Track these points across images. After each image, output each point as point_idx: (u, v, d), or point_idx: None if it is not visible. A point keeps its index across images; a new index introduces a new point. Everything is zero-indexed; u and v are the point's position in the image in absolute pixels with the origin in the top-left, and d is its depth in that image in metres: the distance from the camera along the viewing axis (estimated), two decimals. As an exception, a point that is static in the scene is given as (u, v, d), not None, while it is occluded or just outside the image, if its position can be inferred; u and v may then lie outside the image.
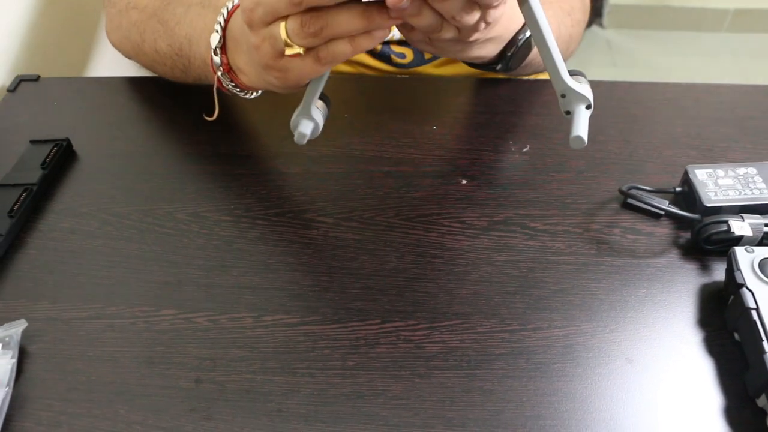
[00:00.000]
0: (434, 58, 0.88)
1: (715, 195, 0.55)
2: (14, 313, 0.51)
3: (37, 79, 0.76)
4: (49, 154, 0.63)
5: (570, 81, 0.45)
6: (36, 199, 0.60)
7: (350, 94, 0.71)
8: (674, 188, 0.58)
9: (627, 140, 0.64)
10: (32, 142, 0.65)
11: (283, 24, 0.44)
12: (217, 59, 0.54)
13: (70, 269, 0.55)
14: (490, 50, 0.56)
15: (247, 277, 0.53)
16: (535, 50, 0.62)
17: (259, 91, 0.57)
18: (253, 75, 0.53)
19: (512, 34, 0.57)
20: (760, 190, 0.55)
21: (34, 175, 0.61)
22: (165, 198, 0.60)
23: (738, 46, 2.24)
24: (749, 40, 2.26)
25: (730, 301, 0.49)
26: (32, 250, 0.57)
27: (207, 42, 0.55)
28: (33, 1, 0.83)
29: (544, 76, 0.68)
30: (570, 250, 0.54)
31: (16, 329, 0.49)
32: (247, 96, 0.57)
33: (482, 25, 0.47)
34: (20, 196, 0.59)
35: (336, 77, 0.89)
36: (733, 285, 0.48)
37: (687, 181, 0.57)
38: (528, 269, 0.53)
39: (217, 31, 0.53)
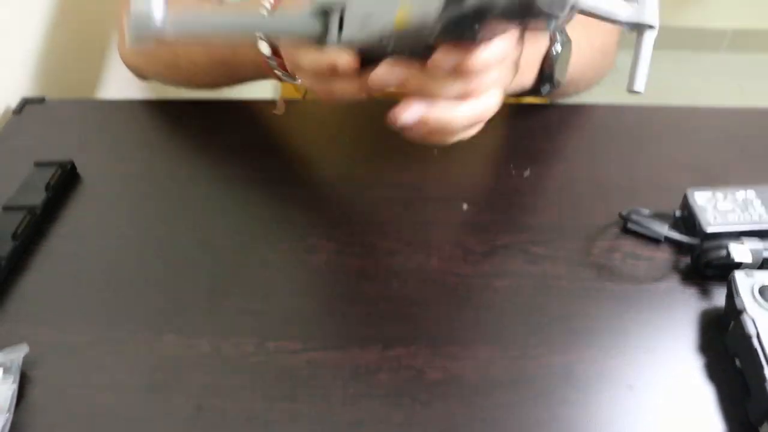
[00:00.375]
0: None
1: (715, 219, 0.55)
2: (16, 338, 0.51)
3: (42, 101, 0.76)
4: (53, 177, 0.64)
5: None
6: (39, 222, 0.61)
7: (351, 118, 0.72)
8: (674, 212, 0.58)
9: (627, 163, 0.64)
10: (36, 164, 0.66)
11: None
12: (273, 62, 0.55)
13: (72, 293, 0.55)
14: (523, 80, 0.56)
15: (250, 302, 0.53)
16: (578, 68, 0.61)
17: None
18: None
19: (539, 54, 0.56)
20: (759, 214, 0.55)
21: (37, 198, 0.62)
22: (168, 222, 0.61)
23: (737, 65, 2.25)
24: (748, 59, 2.27)
25: (730, 326, 0.49)
26: (35, 273, 0.57)
27: (254, 49, 0.55)
28: (39, 23, 0.84)
29: (543, 100, 0.69)
30: (571, 275, 0.54)
31: (17, 354, 0.49)
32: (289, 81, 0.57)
33: (486, 74, 0.44)
34: (24, 218, 0.60)
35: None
36: (733, 311, 0.48)
37: (687, 206, 0.57)
38: (529, 295, 0.53)
39: (261, 38, 0.53)
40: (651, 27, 0.43)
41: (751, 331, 0.46)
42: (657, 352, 0.49)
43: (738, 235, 0.54)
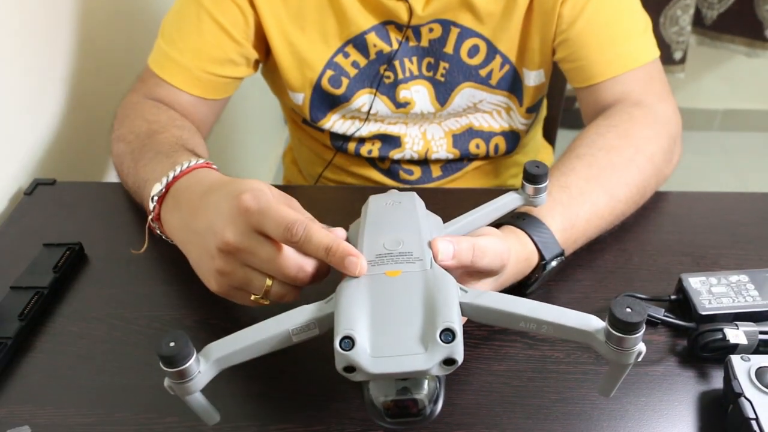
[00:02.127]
0: (441, 177, 0.91)
1: (710, 303, 0.56)
2: (18, 419, 0.52)
3: (53, 182, 0.79)
4: (61, 258, 0.65)
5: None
6: (47, 303, 0.62)
7: (351, 204, 0.73)
8: (669, 296, 0.59)
9: (623, 248, 0.66)
10: (45, 245, 0.67)
11: (269, 282, 0.49)
12: (151, 206, 0.59)
13: (77, 374, 0.56)
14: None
15: (253, 385, 0.54)
16: (608, 221, 0.64)
17: None
18: (183, 243, 0.57)
19: (522, 262, 0.57)
20: (753, 297, 0.56)
21: (45, 279, 0.63)
22: (172, 304, 0.62)
23: (729, 143, 2.31)
24: (739, 137, 2.33)
25: (729, 410, 0.49)
26: (40, 353, 0.58)
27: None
28: (53, 107, 0.88)
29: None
30: (569, 359, 0.55)
31: (19, 436, 0.50)
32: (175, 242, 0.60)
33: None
34: (31, 299, 0.61)
35: (339, 188, 0.92)
36: (731, 394, 0.48)
37: (681, 289, 0.58)
38: (528, 379, 0.53)
39: (161, 182, 0.59)
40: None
41: (750, 414, 0.46)
42: (657, 437, 0.49)
43: (732, 318, 0.55)
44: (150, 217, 0.60)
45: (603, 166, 0.64)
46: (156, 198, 0.59)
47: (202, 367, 0.42)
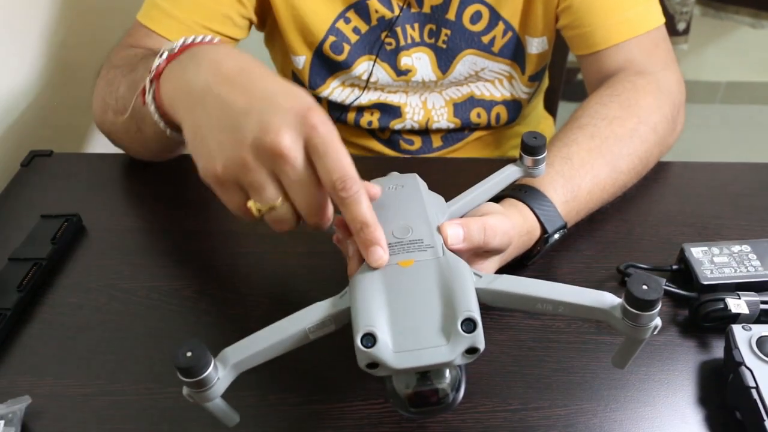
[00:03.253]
0: (442, 147, 0.90)
1: (711, 273, 0.56)
2: (19, 389, 0.52)
3: (50, 154, 0.78)
4: (59, 229, 0.65)
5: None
6: (45, 274, 0.62)
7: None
8: (671, 266, 0.59)
9: (625, 219, 0.65)
10: (43, 216, 0.67)
11: (280, 201, 0.44)
12: (156, 62, 0.51)
13: (76, 345, 0.56)
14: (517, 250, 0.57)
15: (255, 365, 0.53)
16: (610, 193, 0.63)
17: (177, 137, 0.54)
18: (191, 107, 0.47)
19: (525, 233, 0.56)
20: (754, 267, 0.56)
21: (44, 250, 0.63)
22: (171, 275, 0.61)
23: (732, 116, 2.29)
24: (742, 110, 2.31)
25: (729, 379, 0.49)
26: (39, 324, 0.57)
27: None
28: (49, 78, 0.87)
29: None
30: (570, 329, 0.55)
31: (19, 405, 0.50)
32: (160, 124, 0.54)
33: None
34: (30, 270, 0.60)
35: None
36: (732, 363, 0.48)
37: (683, 259, 0.58)
38: (529, 348, 0.53)
39: (176, 43, 0.51)
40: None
41: (750, 383, 0.46)
42: (657, 405, 0.49)
43: (734, 288, 0.55)
44: (150, 76, 0.52)
45: (605, 137, 0.63)
46: (166, 54, 0.51)
47: (221, 374, 0.41)
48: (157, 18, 0.73)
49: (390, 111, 0.86)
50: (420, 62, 0.82)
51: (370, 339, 0.39)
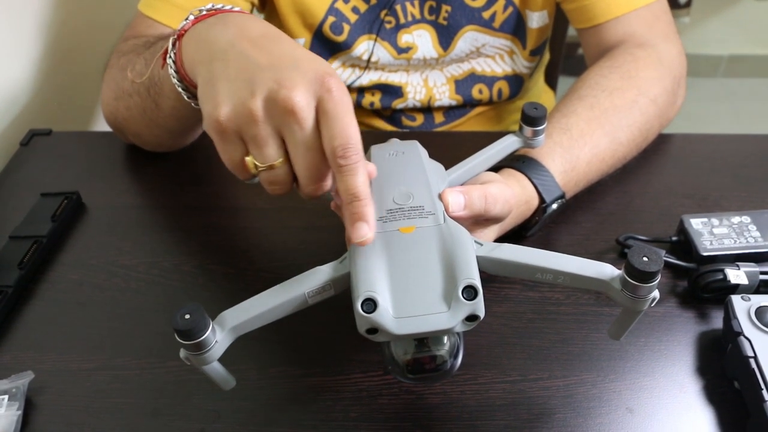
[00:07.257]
0: (444, 123, 0.90)
1: (711, 244, 0.56)
2: (22, 365, 0.52)
3: (49, 133, 0.78)
4: (59, 207, 0.65)
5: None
6: (46, 251, 0.62)
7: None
8: (670, 237, 0.59)
9: (624, 190, 0.65)
10: (43, 194, 0.67)
11: (280, 161, 0.44)
12: (183, 23, 0.51)
13: (77, 321, 0.56)
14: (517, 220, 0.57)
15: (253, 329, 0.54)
16: (609, 165, 0.63)
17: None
18: (213, 59, 0.46)
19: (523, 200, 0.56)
20: (754, 238, 0.56)
21: (44, 228, 0.63)
22: (171, 251, 0.61)
23: (733, 90, 2.28)
24: (744, 84, 2.30)
25: (728, 349, 0.49)
26: (41, 301, 0.58)
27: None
28: (48, 57, 0.86)
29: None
30: (569, 300, 0.55)
31: (22, 381, 0.50)
32: (178, 87, 0.53)
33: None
34: (30, 248, 0.61)
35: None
36: (730, 333, 0.49)
37: (683, 231, 0.58)
38: (528, 320, 0.54)
39: (201, 9, 0.51)
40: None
41: (749, 352, 0.46)
42: (656, 376, 0.50)
43: (734, 259, 0.55)
44: (174, 36, 0.51)
45: (605, 108, 0.63)
46: (192, 17, 0.51)
47: (218, 336, 0.41)
48: (160, 8, 0.72)
49: (391, 91, 0.86)
50: (421, 39, 0.81)
51: (370, 304, 0.39)
